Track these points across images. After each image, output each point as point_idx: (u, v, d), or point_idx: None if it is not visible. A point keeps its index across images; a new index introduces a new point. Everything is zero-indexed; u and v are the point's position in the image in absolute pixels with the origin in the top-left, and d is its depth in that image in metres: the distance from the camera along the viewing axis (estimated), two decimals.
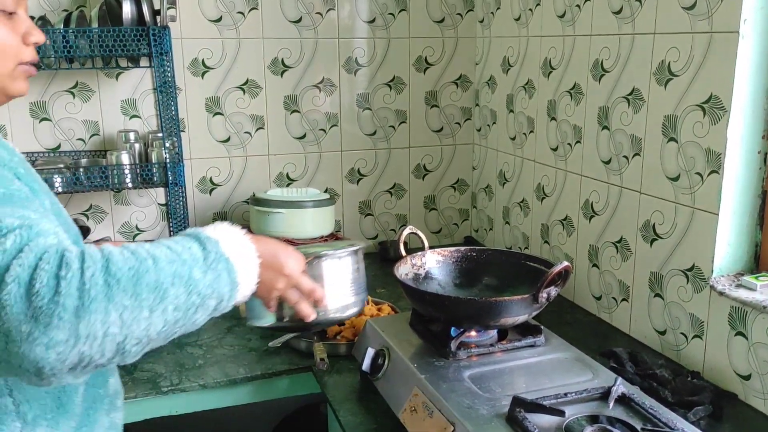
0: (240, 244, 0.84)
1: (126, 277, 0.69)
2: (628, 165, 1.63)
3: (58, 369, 0.67)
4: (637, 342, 1.63)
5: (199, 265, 0.77)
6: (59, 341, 0.65)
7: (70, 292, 0.66)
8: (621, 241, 1.67)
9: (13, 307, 0.64)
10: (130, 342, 0.70)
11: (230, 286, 0.80)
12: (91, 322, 0.66)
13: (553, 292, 1.27)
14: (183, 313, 0.74)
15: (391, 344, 1.37)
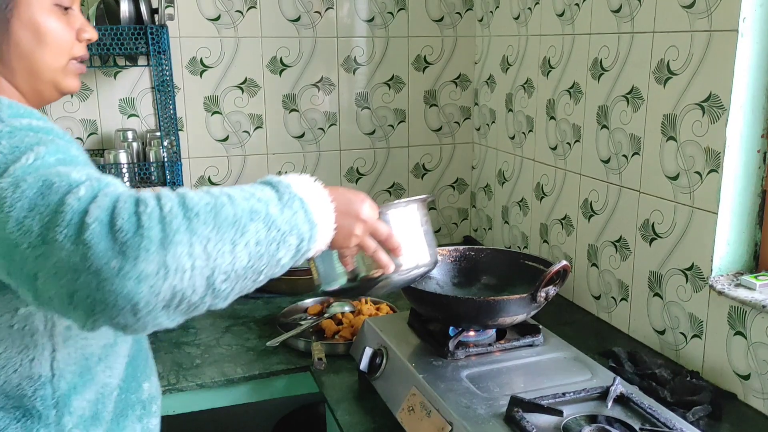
0: (312, 187, 0.82)
1: (204, 211, 0.69)
2: (627, 164, 1.62)
3: (152, 304, 0.67)
4: (636, 342, 1.63)
5: (275, 203, 0.76)
6: (149, 274, 0.65)
7: (152, 225, 0.66)
8: (620, 241, 1.67)
9: (99, 245, 0.64)
10: (218, 277, 0.69)
11: (309, 225, 0.79)
12: (177, 253, 0.66)
13: (552, 291, 1.27)
14: (265, 249, 0.73)
15: (389, 344, 1.37)
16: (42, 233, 0.66)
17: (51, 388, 0.86)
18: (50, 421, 0.86)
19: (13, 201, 0.68)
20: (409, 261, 1.05)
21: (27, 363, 0.84)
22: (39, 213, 0.67)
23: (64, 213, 0.66)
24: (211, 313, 1.82)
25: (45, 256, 0.66)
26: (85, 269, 0.65)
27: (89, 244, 0.64)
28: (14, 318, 0.82)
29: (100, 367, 0.91)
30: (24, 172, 0.70)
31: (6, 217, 0.68)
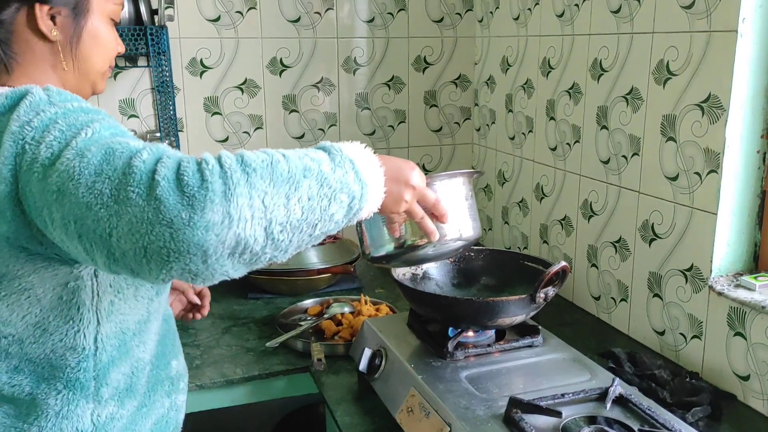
0: (363, 152, 0.87)
1: (261, 167, 0.75)
2: (626, 165, 1.62)
3: (219, 251, 0.72)
4: (636, 342, 1.63)
5: (327, 163, 0.81)
6: (215, 222, 0.71)
7: (214, 179, 0.72)
8: (620, 241, 1.67)
9: (169, 199, 0.71)
10: (275, 228, 0.75)
11: (359, 185, 0.83)
12: (239, 204, 0.72)
13: (551, 292, 1.27)
14: (317, 203, 0.78)
15: (388, 344, 1.37)
16: (114, 194, 0.73)
17: (93, 361, 0.92)
18: (89, 392, 0.92)
19: (81, 169, 0.74)
20: (453, 231, 1.08)
21: (72, 335, 0.90)
22: (107, 177, 0.73)
23: (133, 174, 0.73)
24: (211, 314, 1.82)
25: (118, 214, 0.72)
26: (158, 222, 0.71)
27: (161, 198, 0.71)
28: (64, 291, 0.88)
29: (135, 341, 0.97)
30: (86, 144, 0.76)
31: (76, 184, 0.74)
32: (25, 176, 0.78)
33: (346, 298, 1.82)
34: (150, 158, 0.74)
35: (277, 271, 1.89)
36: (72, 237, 0.76)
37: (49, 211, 0.76)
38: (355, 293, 1.94)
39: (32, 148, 0.78)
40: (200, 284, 0.80)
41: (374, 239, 1.10)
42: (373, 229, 1.09)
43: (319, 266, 1.91)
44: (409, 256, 1.12)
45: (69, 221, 0.75)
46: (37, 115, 0.80)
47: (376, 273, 2.13)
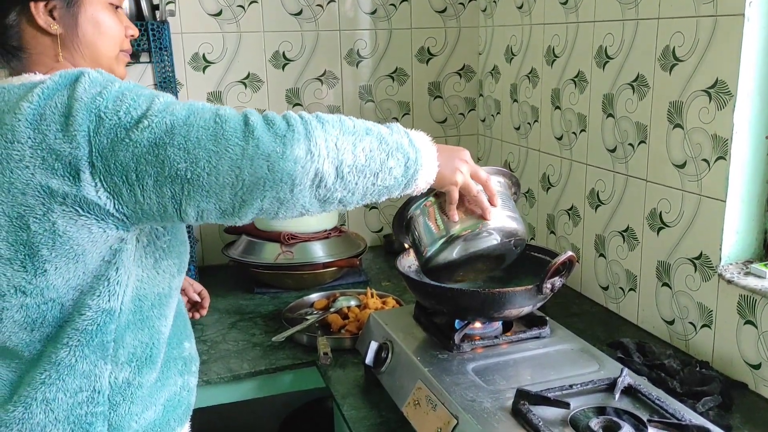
0: (416, 131, 1.03)
1: (332, 121, 0.93)
2: (633, 153, 1.60)
3: (303, 182, 0.89)
4: (645, 332, 1.61)
5: (385, 129, 0.98)
6: (301, 156, 0.88)
7: (297, 124, 0.89)
8: (627, 230, 1.65)
9: (264, 138, 0.87)
10: (345, 168, 0.91)
11: (413, 150, 0.99)
12: (317, 143, 0.89)
13: (558, 282, 1.26)
14: (377, 155, 0.95)
15: (394, 337, 1.36)
16: (211, 138, 0.86)
17: (116, 323, 0.96)
18: (108, 353, 0.96)
19: (172, 122, 0.86)
20: (505, 219, 1.14)
21: (106, 296, 0.93)
22: (200, 126, 0.86)
23: (227, 121, 0.87)
24: (217, 309, 1.82)
25: (218, 155, 0.86)
26: (257, 156, 0.86)
27: (259, 138, 0.86)
28: (108, 252, 0.92)
29: (155, 312, 1.01)
30: (166, 106, 0.88)
31: (171, 135, 0.85)
32: (104, 140, 0.85)
33: (353, 292, 1.81)
34: (234, 111, 0.89)
35: (282, 265, 1.88)
36: (162, 186, 0.86)
37: (137, 169, 0.85)
38: (362, 287, 1.93)
39: (109, 115, 0.85)
40: (282, 215, 0.93)
41: (430, 234, 1.15)
42: (427, 224, 1.15)
43: (325, 260, 1.90)
44: (467, 255, 1.15)
45: (162, 170, 0.85)
46: (104, 88, 0.87)
47: (382, 266, 2.12)
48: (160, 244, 1.00)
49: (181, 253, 1.06)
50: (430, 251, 1.16)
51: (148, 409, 1.02)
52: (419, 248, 1.18)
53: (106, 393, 0.97)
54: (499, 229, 1.14)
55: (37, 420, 0.94)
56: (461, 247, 1.14)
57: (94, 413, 0.96)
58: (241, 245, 1.96)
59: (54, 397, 0.94)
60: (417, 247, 1.19)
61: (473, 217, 1.13)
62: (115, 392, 0.98)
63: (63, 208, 0.87)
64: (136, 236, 0.95)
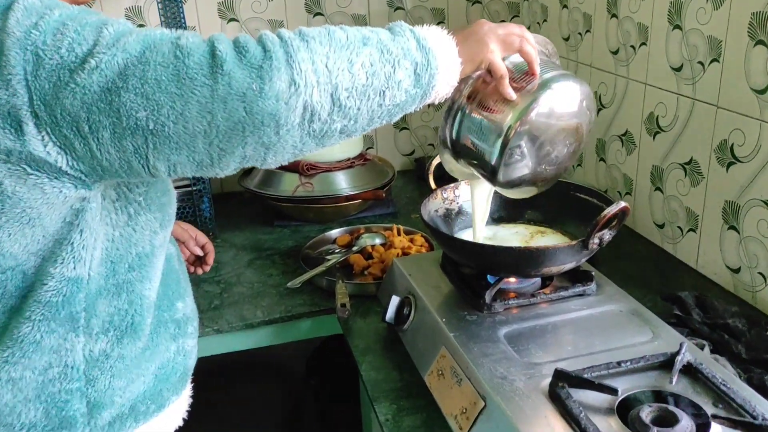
0: (427, 27, 0.87)
1: (318, 36, 0.77)
2: (703, 73, 1.36)
3: (290, 120, 0.74)
4: (705, 279, 1.43)
5: (386, 33, 0.83)
6: (283, 90, 0.72)
7: (275, 49, 0.74)
8: (690, 163, 1.43)
9: (236, 73, 0.71)
10: (341, 93, 0.76)
11: (424, 52, 0.83)
12: (302, 70, 0.73)
13: (607, 236, 1.08)
14: (381, 69, 0.79)
15: (418, 291, 1.21)
16: (173, 78, 0.71)
17: (84, 292, 0.84)
18: (80, 324, 0.84)
19: (125, 62, 0.71)
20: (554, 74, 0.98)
21: (70, 261, 0.81)
22: (158, 64, 0.71)
23: (190, 55, 0.72)
24: (234, 245, 1.70)
25: (183, 98, 0.71)
26: (230, 96, 0.71)
27: (230, 73, 0.71)
28: (69, 213, 0.80)
29: (133, 275, 0.89)
30: (116, 38, 0.72)
31: (125, 77, 0.71)
32: (45, 84, 0.70)
33: (378, 227, 1.66)
34: (198, 39, 0.74)
35: (303, 198, 1.73)
36: (121, 139, 0.73)
37: (89, 119, 0.71)
38: (389, 219, 1.77)
39: (48, 52, 0.70)
40: (272, 160, 0.79)
41: (484, 139, 0.99)
42: (479, 127, 0.99)
43: (348, 192, 1.74)
44: (536, 142, 0.98)
45: (120, 120, 0.71)
46: (41, 18, 0.71)
47: (412, 195, 1.95)
48: (133, 197, 0.86)
49: (164, 204, 0.91)
50: (493, 158, 0.98)
51: (134, 381, 0.91)
52: (483, 163, 1.01)
53: (81, 368, 0.85)
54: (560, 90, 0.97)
55: (5, 401, 0.83)
56: (526, 135, 0.97)
57: (68, 390, 0.85)
58: (258, 175, 1.81)
59: (20, 376, 0.82)
60: (481, 164, 1.02)
61: (524, 93, 0.96)
62: (91, 366, 0.86)
63: (8, 167, 0.73)
64: (101, 192, 0.81)
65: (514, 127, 0.95)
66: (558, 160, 1.03)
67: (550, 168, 1.03)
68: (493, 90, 0.98)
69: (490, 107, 0.97)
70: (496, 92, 0.97)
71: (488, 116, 0.97)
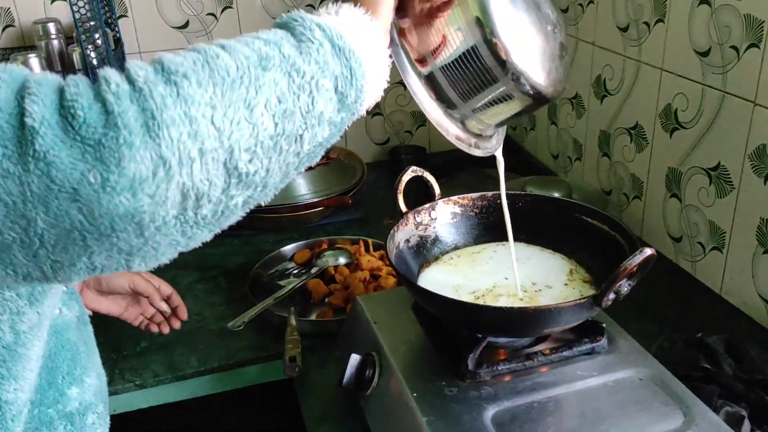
0: (331, 7, 0.61)
1: (192, 69, 0.50)
2: (737, 60, 1.10)
3: (160, 217, 0.50)
4: (731, 308, 1.19)
5: (287, 40, 0.56)
6: (145, 177, 0.48)
7: (125, 107, 0.48)
8: (717, 168, 1.18)
9: (61, 156, 0.47)
10: (240, 157, 0.52)
11: (340, 58, 0.57)
12: (173, 138, 0.49)
13: (625, 288, 0.83)
14: (294, 103, 0.54)
15: (384, 347, 0.96)
16: None
17: None
18: None
19: None
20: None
21: None
22: None
23: None
24: (174, 262, 1.43)
25: None
26: (52, 193, 0.48)
27: (48, 158, 0.47)
28: None
29: None
30: None
31: None
32: None
33: (344, 241, 1.40)
34: (6, 92, 0.48)
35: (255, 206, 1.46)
36: None
37: None
38: (357, 226, 1.52)
39: None
40: (141, 266, 0.55)
41: (468, 61, 0.69)
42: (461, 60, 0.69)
43: (309, 199, 1.47)
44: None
45: None
46: None
47: (385, 194, 1.69)
48: None
49: None
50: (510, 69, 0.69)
51: None
52: (506, 91, 0.72)
53: None
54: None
55: None
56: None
57: None
58: None
59: None
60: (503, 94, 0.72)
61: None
62: None
63: None
64: None
65: (485, 16, 0.67)
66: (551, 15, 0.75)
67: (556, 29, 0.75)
68: (423, 17, 0.70)
69: (440, 28, 0.69)
70: (429, 15, 0.70)
71: (452, 35, 0.68)
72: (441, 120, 0.75)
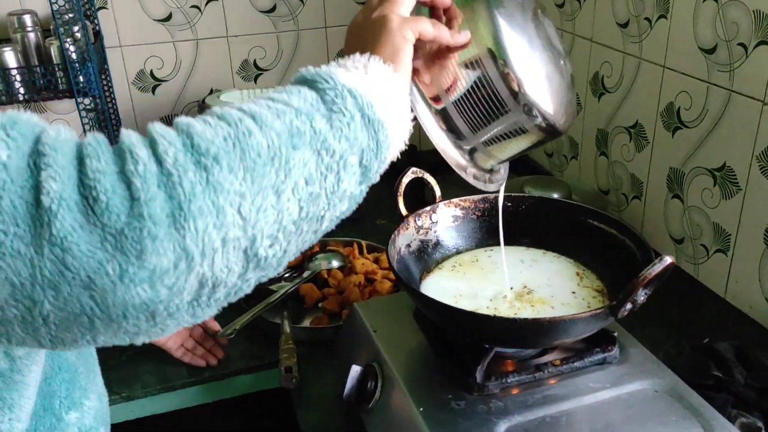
0: (361, 63, 0.58)
1: (224, 150, 0.47)
2: (745, 57, 1.07)
3: (174, 305, 0.47)
4: (735, 311, 1.17)
5: (318, 109, 0.53)
6: (166, 270, 0.45)
7: (152, 194, 0.44)
8: (723, 169, 1.15)
9: (80, 243, 0.42)
10: (261, 245, 0.49)
11: (369, 129, 0.54)
12: (199, 230, 0.45)
13: (642, 297, 0.79)
14: (321, 185, 0.52)
15: (385, 357, 0.92)
16: None
17: None
18: None
19: None
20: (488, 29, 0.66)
21: None
22: None
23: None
24: None
25: None
26: (64, 280, 0.43)
27: (65, 245, 0.42)
28: None
29: None
30: None
31: None
32: None
33: (337, 243, 1.36)
34: (15, 160, 0.43)
35: None
36: None
37: None
38: (349, 227, 1.47)
39: None
40: (146, 340, 0.51)
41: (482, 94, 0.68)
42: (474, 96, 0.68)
43: None
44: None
45: None
46: None
47: (378, 194, 1.64)
48: None
49: None
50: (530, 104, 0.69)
51: None
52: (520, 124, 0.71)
53: None
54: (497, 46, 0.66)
55: None
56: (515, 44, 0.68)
57: None
58: None
59: None
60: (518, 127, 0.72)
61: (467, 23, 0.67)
62: None
63: None
64: None
65: (498, 48, 0.66)
66: (554, 41, 0.74)
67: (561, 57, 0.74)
68: (434, 55, 0.69)
69: (452, 64, 0.68)
70: (440, 54, 0.69)
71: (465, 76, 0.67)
72: (458, 161, 0.74)
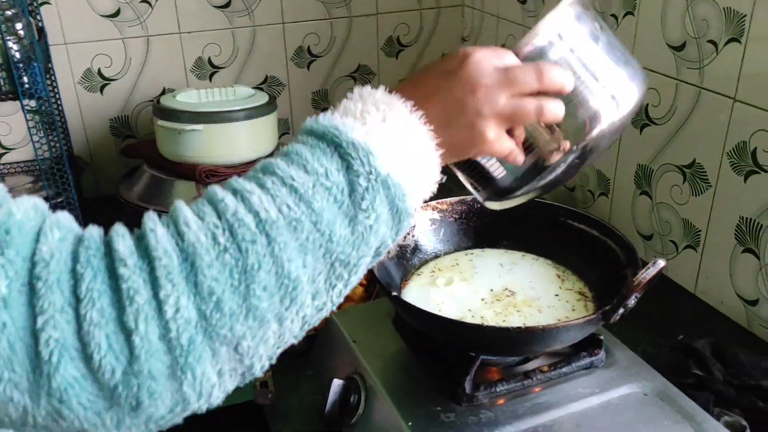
0: (396, 148, 0.52)
1: (229, 290, 0.43)
2: (716, 55, 1.07)
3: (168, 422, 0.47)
4: (706, 307, 1.17)
5: (344, 209, 0.48)
6: (161, 416, 0.45)
7: (152, 350, 0.41)
8: (693, 166, 1.16)
9: (80, 396, 0.41)
10: (256, 368, 0.48)
11: (394, 222, 0.52)
12: (197, 376, 0.43)
13: (632, 301, 0.78)
14: (326, 293, 0.49)
15: (368, 369, 0.88)
16: None
17: None
18: None
19: None
20: (596, 90, 0.62)
21: None
22: None
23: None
24: None
25: None
26: (59, 429, 0.42)
27: (63, 398, 0.40)
28: None
29: None
30: None
31: None
32: None
33: None
34: (15, 293, 0.40)
35: None
36: None
37: None
38: None
39: None
40: None
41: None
42: None
43: None
44: None
45: None
46: None
47: None
48: None
49: None
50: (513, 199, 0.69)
51: None
52: None
53: None
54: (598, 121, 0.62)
55: None
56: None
57: None
58: (141, 181, 1.40)
59: None
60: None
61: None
62: None
63: None
64: None
65: None
66: None
67: None
68: None
69: None
70: None
71: None
72: None
